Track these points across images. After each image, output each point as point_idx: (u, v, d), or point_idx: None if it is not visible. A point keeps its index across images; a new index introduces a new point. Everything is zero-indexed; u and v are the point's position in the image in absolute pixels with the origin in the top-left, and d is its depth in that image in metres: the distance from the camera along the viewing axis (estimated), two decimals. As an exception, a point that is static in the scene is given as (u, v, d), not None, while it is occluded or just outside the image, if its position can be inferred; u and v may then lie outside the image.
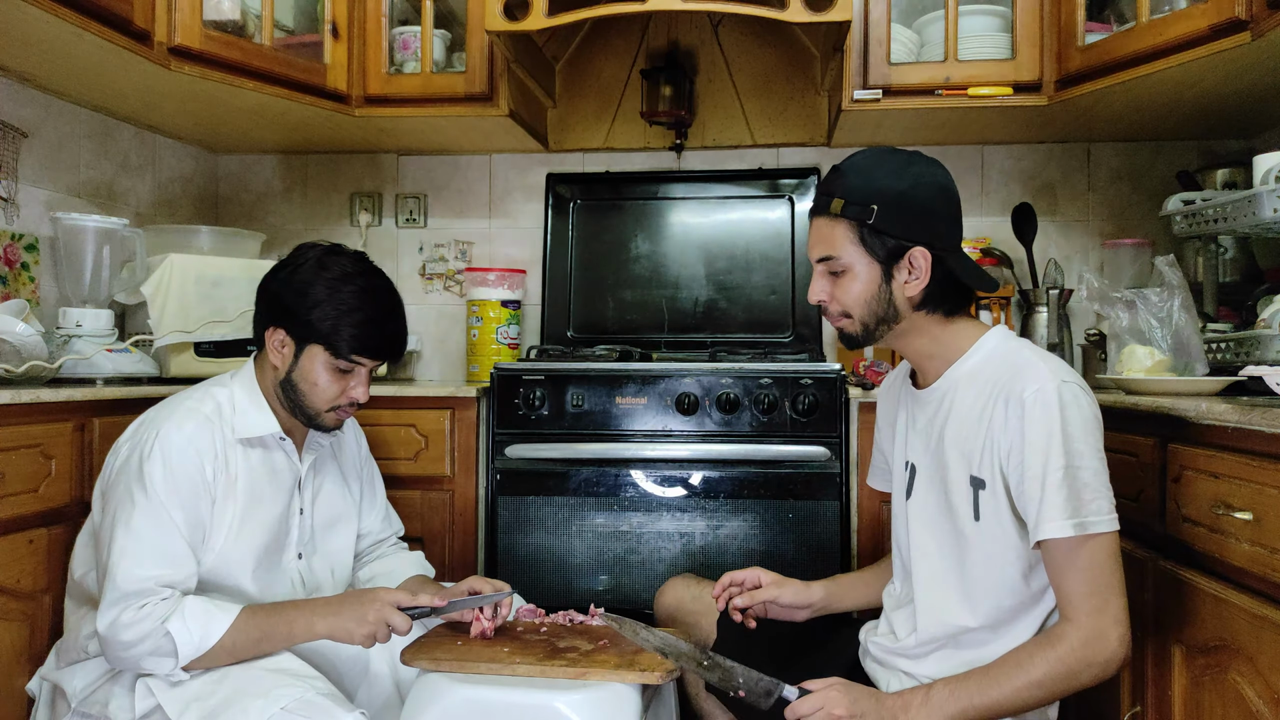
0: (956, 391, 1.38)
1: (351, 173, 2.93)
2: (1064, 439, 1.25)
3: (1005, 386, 1.30)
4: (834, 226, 1.37)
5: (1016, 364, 1.32)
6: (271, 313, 1.57)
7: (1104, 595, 1.25)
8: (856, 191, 1.35)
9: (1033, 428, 1.26)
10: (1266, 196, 1.73)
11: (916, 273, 1.36)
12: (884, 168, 1.37)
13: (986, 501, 1.33)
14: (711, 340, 2.63)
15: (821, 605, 1.60)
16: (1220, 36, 1.87)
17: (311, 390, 1.56)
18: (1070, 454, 1.25)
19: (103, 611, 1.40)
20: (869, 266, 1.37)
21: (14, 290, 2.14)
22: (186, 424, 1.51)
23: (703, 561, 2.13)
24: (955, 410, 1.37)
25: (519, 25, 2.14)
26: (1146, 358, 1.81)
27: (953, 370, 1.40)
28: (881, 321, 1.39)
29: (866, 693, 1.32)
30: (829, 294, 1.41)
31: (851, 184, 1.36)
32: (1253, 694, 1.24)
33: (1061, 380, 1.28)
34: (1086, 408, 1.28)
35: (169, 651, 1.39)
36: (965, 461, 1.35)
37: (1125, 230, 2.65)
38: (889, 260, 1.36)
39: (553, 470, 2.17)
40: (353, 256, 1.60)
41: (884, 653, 1.46)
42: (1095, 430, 1.29)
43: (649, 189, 2.80)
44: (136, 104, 2.37)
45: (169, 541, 1.45)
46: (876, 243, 1.35)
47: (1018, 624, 1.34)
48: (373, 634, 1.48)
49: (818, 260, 1.41)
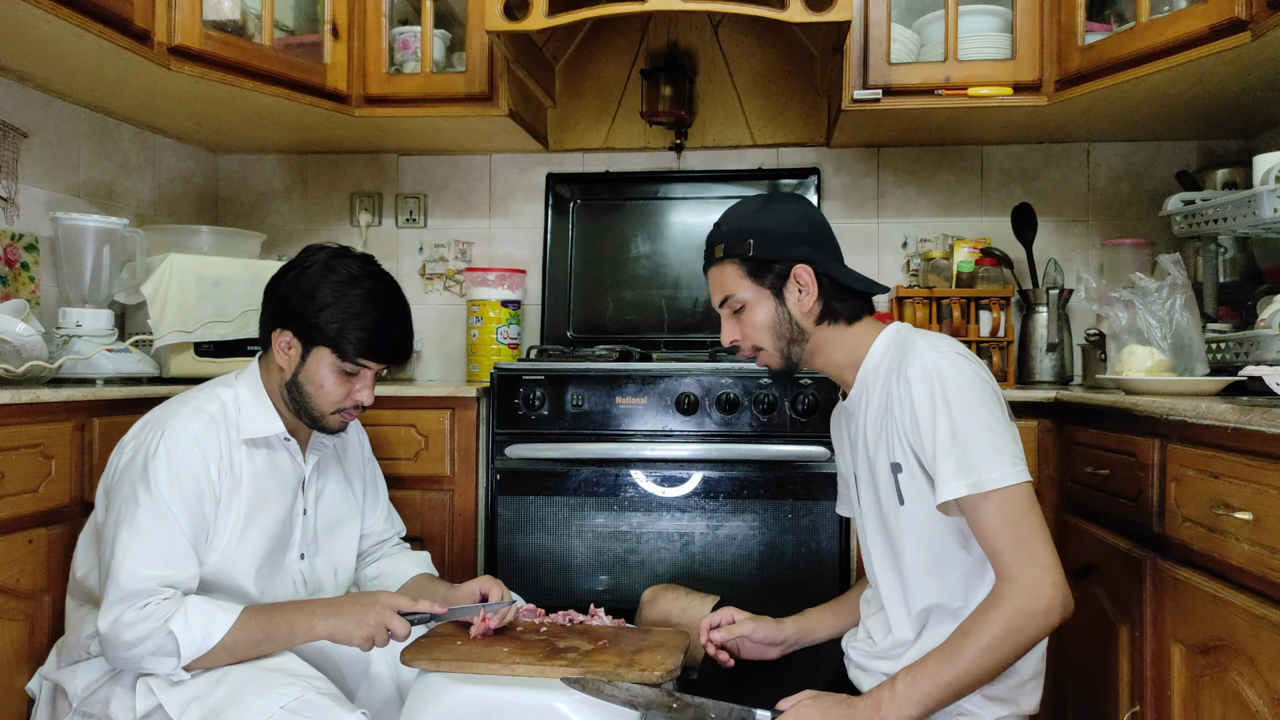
0: (867, 391, 1.46)
1: (351, 173, 2.94)
2: (945, 405, 1.31)
3: (897, 369, 1.38)
4: (722, 271, 1.49)
5: (904, 349, 1.39)
6: (278, 314, 1.57)
7: (1028, 546, 1.28)
8: (732, 234, 1.49)
9: (919, 401, 1.33)
10: (1266, 196, 1.73)
11: (805, 288, 1.46)
12: (747, 209, 1.52)
13: (906, 483, 1.38)
14: (711, 340, 2.63)
15: (794, 641, 1.62)
16: (1220, 36, 1.87)
17: (317, 392, 1.56)
18: (954, 418, 1.30)
19: (104, 611, 1.40)
20: (761, 294, 1.47)
21: (14, 290, 2.14)
22: (192, 424, 1.51)
23: (703, 562, 2.13)
24: (869, 408, 1.45)
25: (519, 25, 2.14)
26: (1146, 358, 1.81)
27: (861, 372, 1.47)
28: (791, 343, 1.48)
29: (838, 700, 1.34)
30: (739, 333, 1.51)
31: (725, 231, 1.50)
32: (1252, 694, 1.24)
33: (939, 352, 1.35)
34: (965, 370, 1.34)
35: (171, 651, 1.39)
36: (885, 451, 1.41)
37: (1125, 230, 2.65)
38: (777, 283, 1.46)
39: (553, 470, 2.17)
40: (360, 259, 1.60)
41: (864, 658, 1.48)
42: (979, 391, 1.33)
43: (649, 189, 2.80)
44: (136, 104, 2.37)
45: (172, 541, 1.45)
46: (761, 271, 1.46)
47: (976, 594, 1.36)
48: (371, 637, 1.49)
49: (720, 305, 1.52)
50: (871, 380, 1.44)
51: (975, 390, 1.33)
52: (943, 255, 2.57)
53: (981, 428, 1.30)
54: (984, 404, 1.32)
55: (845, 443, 1.56)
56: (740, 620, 1.61)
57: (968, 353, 1.38)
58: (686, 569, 2.12)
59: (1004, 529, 1.28)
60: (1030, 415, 2.07)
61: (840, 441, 1.60)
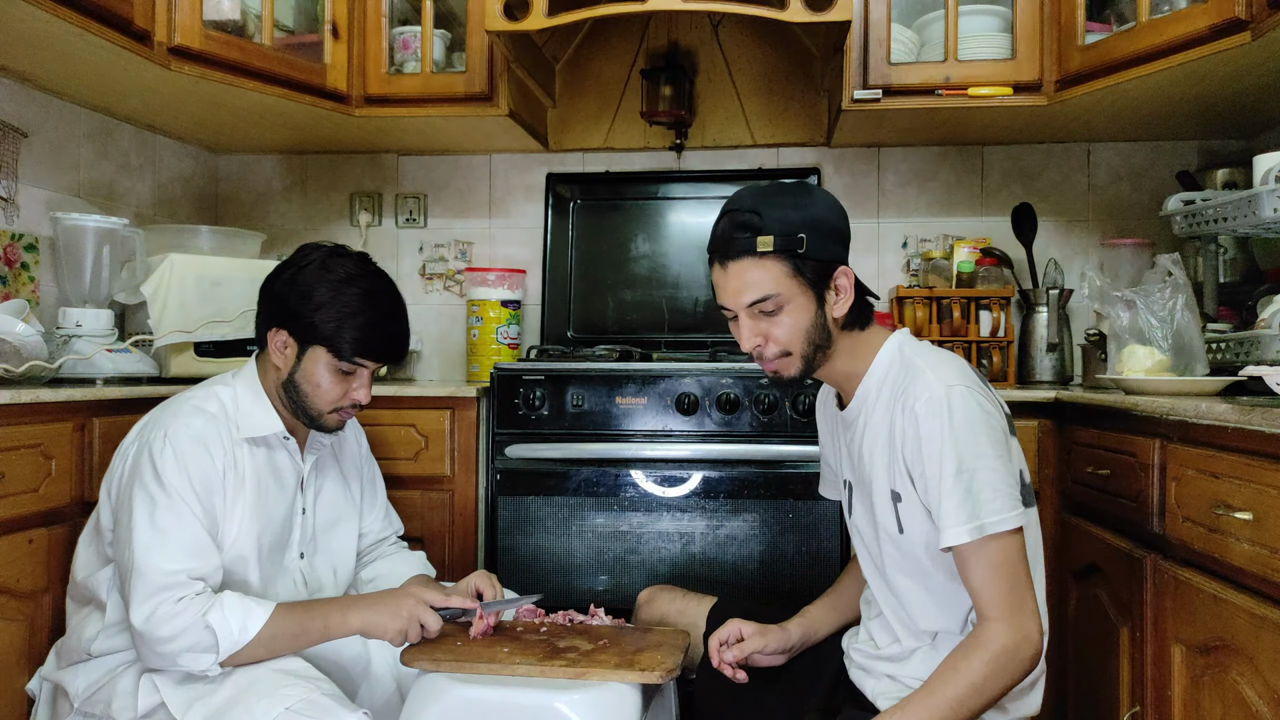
0: (868, 408, 1.41)
1: (351, 173, 2.93)
2: (954, 444, 1.27)
3: (901, 398, 1.33)
4: (762, 266, 1.34)
5: (910, 374, 1.34)
6: (274, 314, 1.57)
7: (1019, 593, 1.27)
8: (782, 227, 1.33)
9: (926, 437, 1.29)
10: (1266, 196, 1.73)
11: (843, 292, 1.38)
12: (791, 199, 1.37)
13: (905, 513, 1.35)
14: (711, 340, 2.63)
15: (800, 645, 1.60)
16: (1220, 36, 1.87)
17: (314, 391, 1.56)
18: (962, 457, 1.26)
19: (137, 606, 1.39)
20: (805, 296, 1.36)
21: (14, 290, 2.14)
22: (194, 420, 1.51)
23: (703, 562, 2.13)
24: (869, 428, 1.40)
25: (519, 25, 2.14)
26: (1146, 358, 1.81)
27: (863, 386, 1.42)
28: (819, 349, 1.39)
29: None
30: (767, 335, 1.38)
31: (770, 222, 1.34)
32: (1252, 694, 1.24)
33: (949, 385, 1.30)
34: (975, 409, 1.29)
35: (209, 646, 1.39)
36: (886, 477, 1.38)
37: (1125, 230, 2.65)
38: (819, 286, 1.37)
39: (553, 470, 2.17)
40: (356, 258, 1.60)
41: (867, 659, 1.48)
42: (988, 430, 1.29)
43: (649, 189, 2.80)
44: (136, 104, 2.37)
45: (193, 533, 1.45)
46: (808, 271, 1.35)
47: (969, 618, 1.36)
48: (404, 630, 1.50)
49: (750, 304, 1.36)
50: (874, 399, 1.40)
51: (987, 429, 1.29)
52: (943, 255, 2.57)
53: (989, 470, 1.27)
54: (994, 444, 1.29)
55: (840, 444, 1.53)
56: (749, 635, 1.56)
57: (972, 379, 1.34)
58: (687, 569, 2.12)
59: (998, 570, 1.26)
60: (1030, 415, 2.07)
61: (833, 438, 1.57)
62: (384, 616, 1.50)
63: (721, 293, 1.40)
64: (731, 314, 1.41)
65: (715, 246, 1.40)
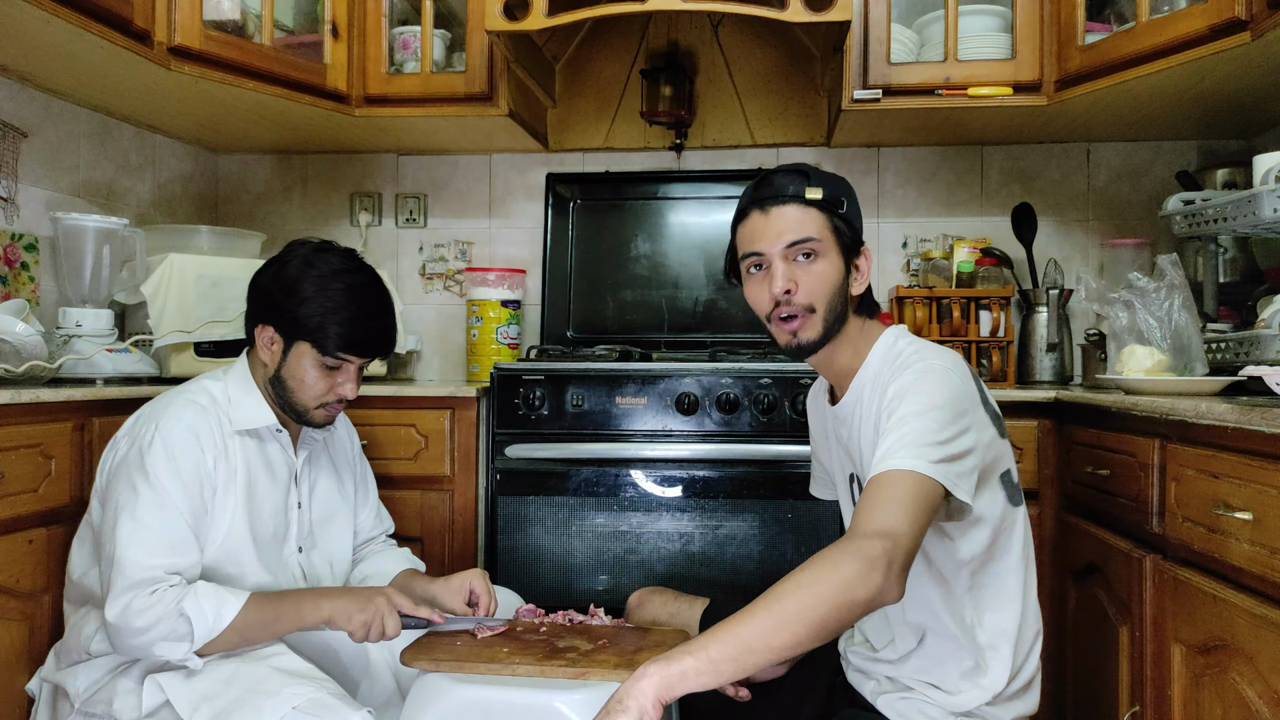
0: (861, 404, 1.40)
1: (351, 173, 2.94)
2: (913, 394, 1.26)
3: (888, 382, 1.34)
4: (806, 213, 1.37)
5: (896, 365, 1.35)
6: (261, 310, 1.58)
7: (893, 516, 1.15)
8: (828, 185, 1.39)
9: (894, 391, 1.29)
10: (1266, 196, 1.73)
11: (863, 273, 1.42)
12: (818, 173, 1.41)
13: None
14: (711, 340, 2.63)
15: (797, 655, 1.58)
16: (1220, 37, 1.87)
17: (300, 387, 1.57)
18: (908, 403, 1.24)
19: (112, 600, 1.40)
20: (838, 256, 1.39)
21: (14, 290, 2.14)
22: (185, 413, 1.51)
23: (702, 562, 2.13)
24: (864, 423, 1.39)
25: (519, 25, 2.14)
26: (1146, 358, 1.81)
27: (857, 380, 1.41)
28: (838, 320, 1.39)
29: None
30: (798, 281, 1.36)
31: (817, 179, 1.39)
32: (1252, 694, 1.24)
33: (926, 360, 1.31)
34: (953, 376, 1.29)
35: (184, 634, 1.40)
36: None
37: (1125, 230, 2.65)
38: (848, 255, 1.40)
39: (553, 470, 2.17)
40: (341, 253, 1.60)
41: (864, 661, 1.47)
42: (950, 397, 1.26)
43: (649, 189, 2.80)
44: (136, 104, 2.37)
45: (174, 529, 1.45)
46: (845, 233, 1.39)
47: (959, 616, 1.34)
48: (368, 623, 1.49)
49: (789, 245, 1.36)
50: (868, 395, 1.39)
51: (946, 391, 1.27)
52: (943, 255, 2.57)
53: (930, 420, 1.22)
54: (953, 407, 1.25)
55: (832, 440, 1.53)
56: None
57: (952, 364, 1.33)
58: (686, 569, 2.12)
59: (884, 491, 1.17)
60: (1030, 415, 2.07)
61: (826, 435, 1.57)
62: (353, 607, 1.50)
63: (758, 238, 1.38)
64: (760, 263, 1.39)
65: (760, 194, 1.39)
